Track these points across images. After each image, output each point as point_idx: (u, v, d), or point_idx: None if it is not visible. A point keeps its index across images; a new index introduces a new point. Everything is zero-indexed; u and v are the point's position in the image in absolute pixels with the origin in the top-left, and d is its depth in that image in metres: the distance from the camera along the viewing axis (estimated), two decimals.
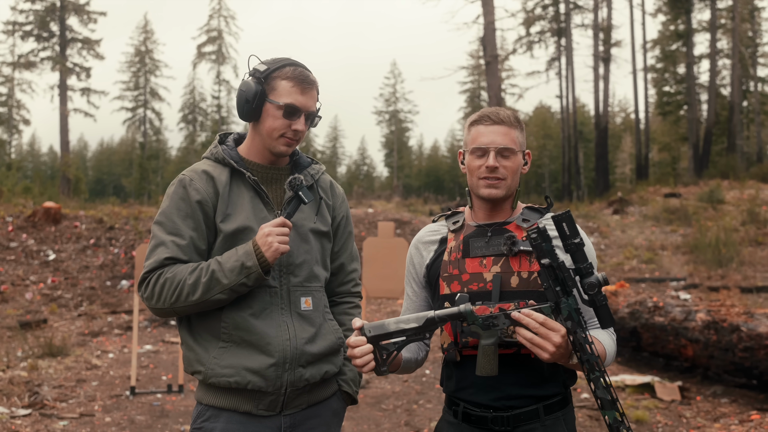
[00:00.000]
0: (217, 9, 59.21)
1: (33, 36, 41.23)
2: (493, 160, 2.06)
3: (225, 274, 2.08)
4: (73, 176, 37.40)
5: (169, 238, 2.16)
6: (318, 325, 2.26)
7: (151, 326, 10.95)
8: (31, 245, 14.64)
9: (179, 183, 2.23)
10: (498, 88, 22.55)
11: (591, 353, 1.78)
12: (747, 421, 5.55)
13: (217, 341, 2.17)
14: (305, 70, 2.26)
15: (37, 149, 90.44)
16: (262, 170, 2.30)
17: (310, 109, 2.23)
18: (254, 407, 2.17)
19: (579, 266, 1.82)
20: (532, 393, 2.02)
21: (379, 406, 6.44)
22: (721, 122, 39.50)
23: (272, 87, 2.21)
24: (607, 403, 1.77)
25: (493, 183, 2.07)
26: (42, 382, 7.09)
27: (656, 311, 7.25)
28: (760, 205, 19.55)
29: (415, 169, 79.21)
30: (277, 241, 2.07)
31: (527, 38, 42.31)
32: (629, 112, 68.13)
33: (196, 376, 2.20)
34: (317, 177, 2.38)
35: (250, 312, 2.16)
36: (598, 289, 1.80)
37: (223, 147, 2.32)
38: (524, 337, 1.82)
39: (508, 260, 2.03)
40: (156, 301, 2.14)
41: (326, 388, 2.32)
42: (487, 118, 2.10)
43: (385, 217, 17.67)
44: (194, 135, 62.46)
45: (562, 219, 1.82)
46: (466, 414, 2.07)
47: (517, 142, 2.09)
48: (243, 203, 2.23)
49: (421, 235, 2.29)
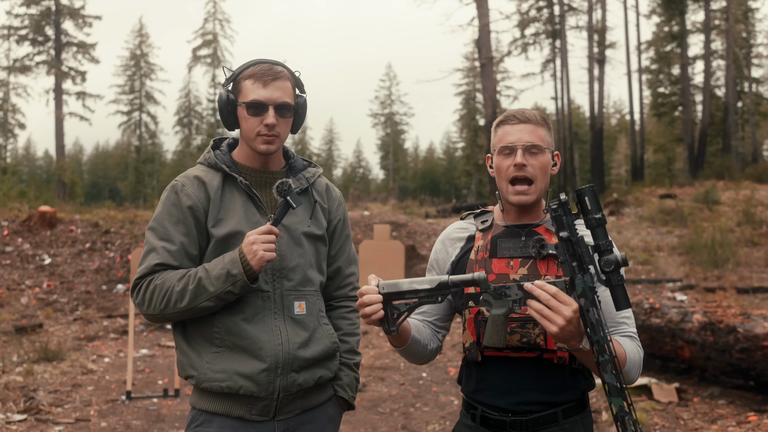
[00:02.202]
0: (212, 12, 59.24)
1: (28, 40, 41.17)
2: (521, 157, 2.02)
3: (211, 282, 2.08)
4: (68, 180, 37.38)
5: (161, 244, 2.17)
6: (312, 330, 2.24)
7: (147, 330, 10.92)
8: (27, 249, 14.60)
9: (171, 189, 2.24)
10: (493, 90, 22.58)
11: (603, 336, 1.72)
12: (744, 422, 5.55)
13: (210, 346, 2.16)
14: (271, 64, 2.24)
15: (33, 153, 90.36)
16: (255, 174, 2.29)
17: (277, 101, 2.20)
18: (247, 412, 2.16)
19: (598, 242, 1.75)
20: (553, 399, 1.99)
21: (375, 409, 6.43)
22: (716, 123, 39.58)
23: (239, 90, 2.23)
24: (614, 389, 1.70)
25: (522, 189, 2.04)
26: (37, 387, 7.06)
27: (652, 313, 7.25)
28: (755, 205, 19.59)
29: (410, 172, 79.32)
30: (263, 249, 2.05)
31: (522, 40, 42.36)
32: (624, 114, 68.32)
33: (189, 381, 2.19)
34: (312, 180, 2.36)
35: (242, 317, 2.15)
36: (615, 267, 1.72)
37: (216, 152, 2.32)
38: (534, 309, 1.76)
39: (535, 263, 2.00)
40: (147, 307, 2.15)
41: (321, 394, 2.31)
42: (513, 117, 2.08)
43: (381, 220, 17.66)
44: (190, 138, 62.44)
45: (585, 193, 1.76)
46: (485, 418, 2.04)
47: (545, 141, 2.06)
48: (235, 208, 2.22)
49: (448, 232, 2.25)
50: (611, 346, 1.72)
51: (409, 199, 37.60)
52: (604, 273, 1.74)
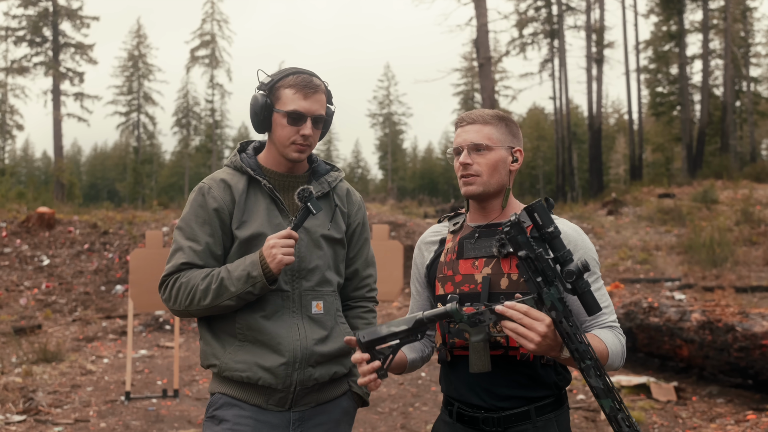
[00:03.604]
0: (210, 13, 59.19)
1: (26, 41, 41.15)
2: (465, 157, 2.08)
3: (233, 282, 2.17)
4: (66, 181, 37.38)
5: (187, 244, 2.28)
6: (330, 328, 2.33)
7: (146, 331, 10.92)
8: (25, 251, 14.59)
9: (198, 191, 2.34)
10: (491, 89, 22.58)
11: (580, 342, 1.76)
12: (743, 421, 5.56)
13: (233, 339, 2.26)
14: (310, 75, 2.31)
15: (31, 154, 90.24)
16: (279, 178, 2.37)
17: (315, 113, 2.28)
18: (264, 402, 2.25)
19: (557, 255, 1.80)
20: (524, 394, 2.02)
21: (375, 409, 6.44)
22: (714, 122, 39.61)
23: (277, 97, 2.29)
24: (601, 391, 1.75)
25: (468, 180, 2.09)
26: (36, 388, 7.06)
27: (651, 312, 7.26)
28: (753, 204, 19.61)
29: (409, 172, 79.28)
30: (282, 253, 2.13)
31: (520, 40, 42.41)
32: (622, 113, 68.40)
33: (212, 369, 2.29)
34: (334, 184, 2.44)
35: (262, 314, 2.24)
36: (577, 276, 1.77)
37: (242, 155, 2.40)
38: (509, 329, 1.80)
39: (498, 261, 2.03)
40: (173, 303, 2.26)
41: (336, 388, 2.39)
42: (462, 120, 2.15)
43: (379, 220, 17.66)
44: (188, 139, 62.33)
45: (533, 209, 1.82)
46: (460, 414, 2.08)
47: (493, 138, 2.10)
48: (259, 210, 2.31)
49: (424, 236, 2.31)
50: (591, 351, 1.77)
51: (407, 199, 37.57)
52: (569, 282, 1.79)
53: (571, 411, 5.87)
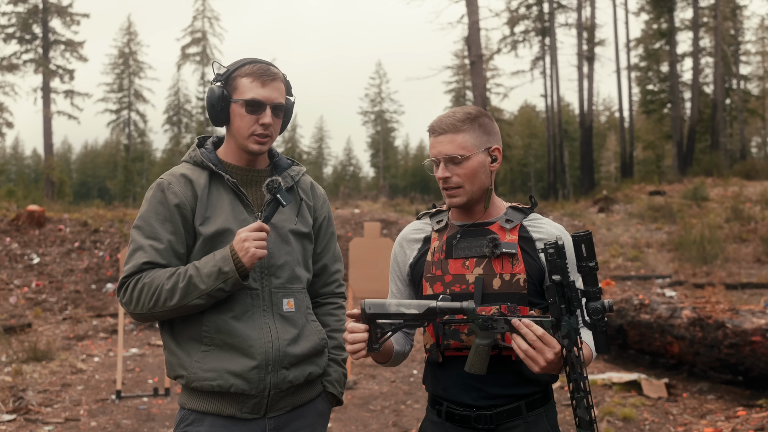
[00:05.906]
0: (201, 10, 58.97)
1: (15, 38, 40.84)
2: (442, 171, 2.05)
3: (202, 279, 2.07)
4: (57, 179, 37.16)
5: (148, 243, 2.15)
6: (300, 327, 2.25)
7: (137, 329, 10.89)
8: (15, 249, 14.52)
9: (158, 187, 2.22)
10: (483, 87, 22.58)
11: (580, 373, 1.78)
12: (733, 417, 5.58)
13: (199, 345, 2.15)
14: (267, 64, 2.25)
15: (21, 152, 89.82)
16: (241, 172, 2.29)
17: (274, 101, 2.21)
18: (238, 410, 2.15)
19: (588, 289, 1.80)
20: (514, 392, 2.02)
21: (366, 407, 6.43)
22: (705, 120, 39.76)
23: (234, 87, 2.22)
24: (585, 423, 1.77)
25: (450, 192, 2.07)
26: (26, 387, 7.03)
27: (642, 309, 7.28)
28: (743, 202, 19.71)
29: (401, 169, 79.29)
30: (254, 246, 2.06)
31: (511, 38, 42.44)
32: (613, 111, 68.58)
33: (179, 381, 2.17)
34: (297, 178, 2.37)
35: (232, 315, 2.15)
36: (602, 315, 1.78)
37: (202, 150, 2.31)
38: (519, 347, 1.81)
39: (490, 262, 2.02)
40: (134, 306, 2.13)
41: (310, 390, 2.31)
42: (432, 129, 2.10)
43: (371, 218, 17.66)
44: (179, 137, 62.12)
45: (582, 240, 1.79)
46: (450, 413, 2.07)
47: (467, 146, 2.05)
48: (222, 206, 2.22)
49: (405, 233, 2.28)
50: (587, 383, 1.79)
51: (399, 196, 37.60)
52: (591, 318, 1.80)
53: (562, 408, 5.88)
